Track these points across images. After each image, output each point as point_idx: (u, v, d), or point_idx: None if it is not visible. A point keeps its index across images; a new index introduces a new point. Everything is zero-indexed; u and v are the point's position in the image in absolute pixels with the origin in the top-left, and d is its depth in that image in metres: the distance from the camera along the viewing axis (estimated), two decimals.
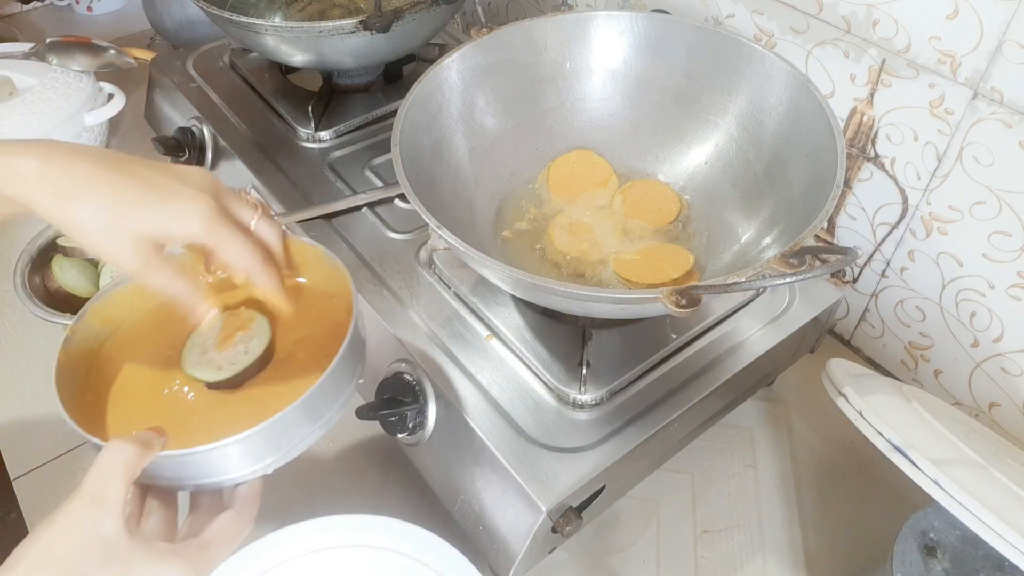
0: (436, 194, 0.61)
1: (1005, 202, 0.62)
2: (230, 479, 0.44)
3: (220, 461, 0.43)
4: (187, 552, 0.40)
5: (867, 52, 0.66)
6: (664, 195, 0.69)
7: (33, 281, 0.74)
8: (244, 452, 0.43)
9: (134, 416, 0.48)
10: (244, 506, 0.45)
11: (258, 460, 0.44)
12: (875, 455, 0.51)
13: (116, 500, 0.38)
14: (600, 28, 0.69)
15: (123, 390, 0.49)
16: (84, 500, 0.38)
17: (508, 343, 0.62)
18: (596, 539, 0.65)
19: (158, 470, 0.42)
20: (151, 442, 0.40)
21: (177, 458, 0.41)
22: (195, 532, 0.43)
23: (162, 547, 0.40)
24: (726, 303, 0.65)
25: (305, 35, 0.74)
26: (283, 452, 0.45)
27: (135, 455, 0.39)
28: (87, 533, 0.37)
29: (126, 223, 0.43)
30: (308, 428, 0.46)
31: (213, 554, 0.42)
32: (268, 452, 0.44)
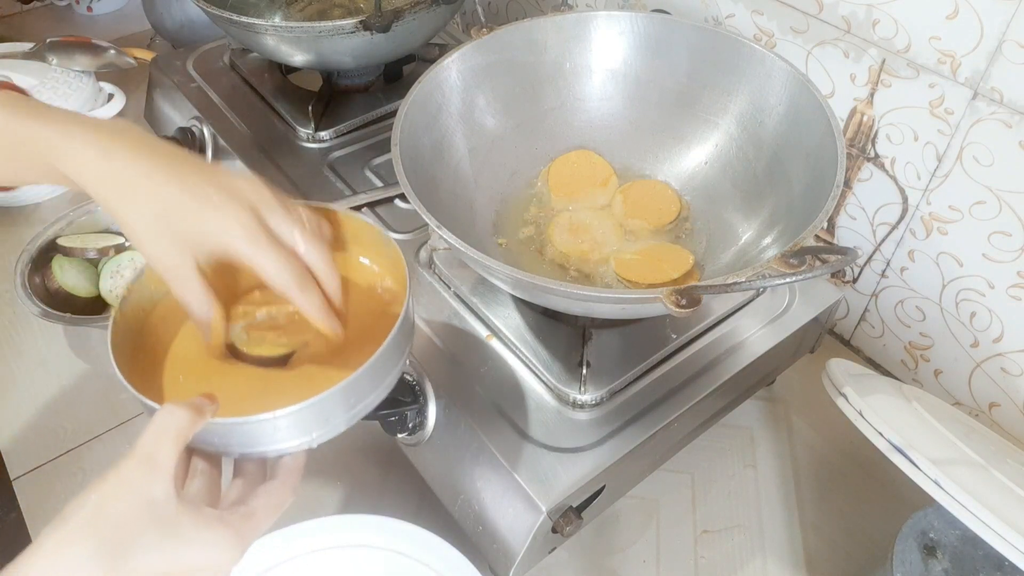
0: (436, 194, 0.61)
1: (1005, 202, 0.62)
2: (276, 450, 0.44)
3: (269, 432, 0.43)
4: (234, 519, 0.40)
5: (867, 52, 0.66)
6: (664, 195, 0.69)
7: (33, 281, 0.74)
8: (293, 424, 0.43)
9: (186, 381, 0.48)
10: (288, 477, 0.45)
11: (305, 433, 0.44)
12: (875, 455, 0.51)
13: (167, 464, 0.39)
14: (600, 28, 0.69)
15: (177, 354, 0.50)
16: (136, 462, 0.38)
17: (508, 343, 0.62)
18: (596, 539, 0.65)
19: (207, 436, 0.42)
20: (203, 408, 0.41)
21: (227, 426, 0.42)
22: (240, 499, 0.43)
23: (210, 513, 0.40)
24: (726, 303, 0.65)
25: (305, 35, 0.75)
26: (329, 427, 0.45)
27: (188, 420, 0.40)
28: (138, 495, 0.38)
29: (166, 229, 0.44)
30: (356, 405, 0.46)
31: (258, 523, 0.42)
32: (316, 426, 0.45)
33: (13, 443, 0.70)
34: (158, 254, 0.45)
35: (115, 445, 0.69)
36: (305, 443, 0.45)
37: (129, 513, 0.37)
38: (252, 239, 0.44)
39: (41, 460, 0.68)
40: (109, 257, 0.78)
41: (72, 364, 0.76)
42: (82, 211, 0.80)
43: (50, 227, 0.78)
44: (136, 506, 0.37)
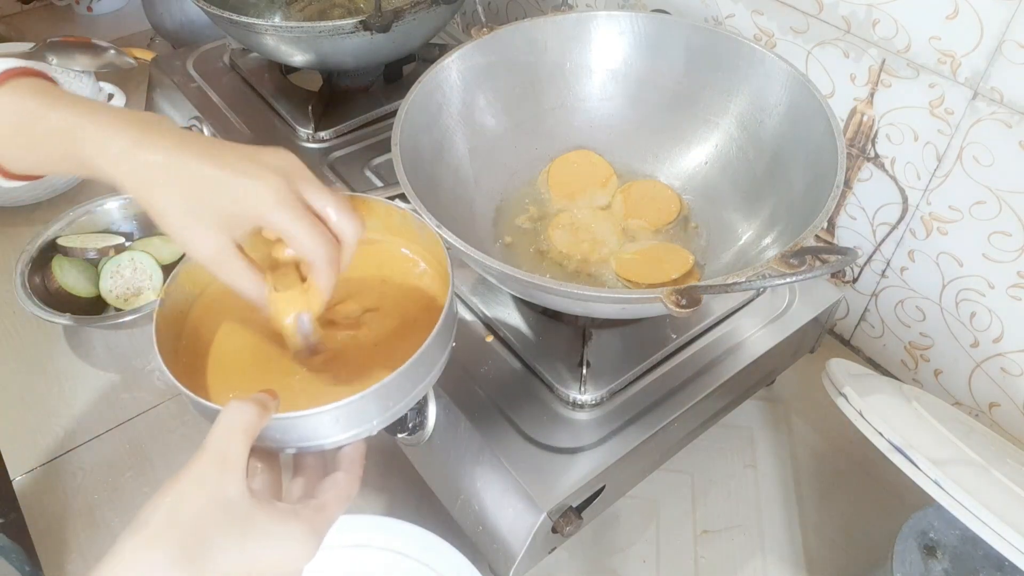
0: (436, 194, 0.61)
1: (1005, 202, 0.62)
2: (335, 441, 0.44)
3: (329, 423, 0.43)
4: (307, 513, 0.40)
5: (867, 52, 0.66)
6: (664, 195, 0.69)
7: (33, 281, 0.74)
8: (354, 414, 0.43)
9: (232, 378, 0.48)
10: (352, 466, 0.45)
11: (365, 422, 0.44)
12: (875, 455, 0.51)
13: (239, 461, 0.38)
14: (600, 28, 0.69)
15: (219, 352, 0.50)
16: (209, 460, 0.38)
17: (508, 343, 0.62)
18: (596, 539, 0.65)
19: (267, 432, 0.42)
20: (268, 404, 0.41)
21: (289, 420, 0.42)
22: (307, 492, 0.43)
23: (283, 508, 0.40)
24: (726, 303, 0.65)
25: (305, 35, 0.75)
26: (389, 413, 0.45)
27: (255, 416, 0.39)
28: (212, 494, 0.37)
29: (202, 212, 0.43)
30: (412, 389, 0.46)
31: (330, 514, 0.42)
32: (376, 413, 0.45)
33: (13, 443, 0.70)
34: (196, 241, 0.44)
35: (115, 445, 0.69)
36: (365, 431, 0.45)
37: (206, 513, 0.37)
38: (286, 206, 0.43)
39: (41, 460, 0.68)
40: (109, 257, 0.78)
41: (72, 364, 0.76)
42: (82, 211, 0.80)
43: (50, 227, 0.78)
44: (212, 506, 0.37)
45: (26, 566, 0.64)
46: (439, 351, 0.47)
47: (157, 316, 0.47)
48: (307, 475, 0.45)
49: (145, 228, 0.83)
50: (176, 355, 0.48)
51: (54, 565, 0.62)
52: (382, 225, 0.54)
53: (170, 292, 0.49)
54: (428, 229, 0.51)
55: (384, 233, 0.55)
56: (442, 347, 0.48)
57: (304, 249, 0.44)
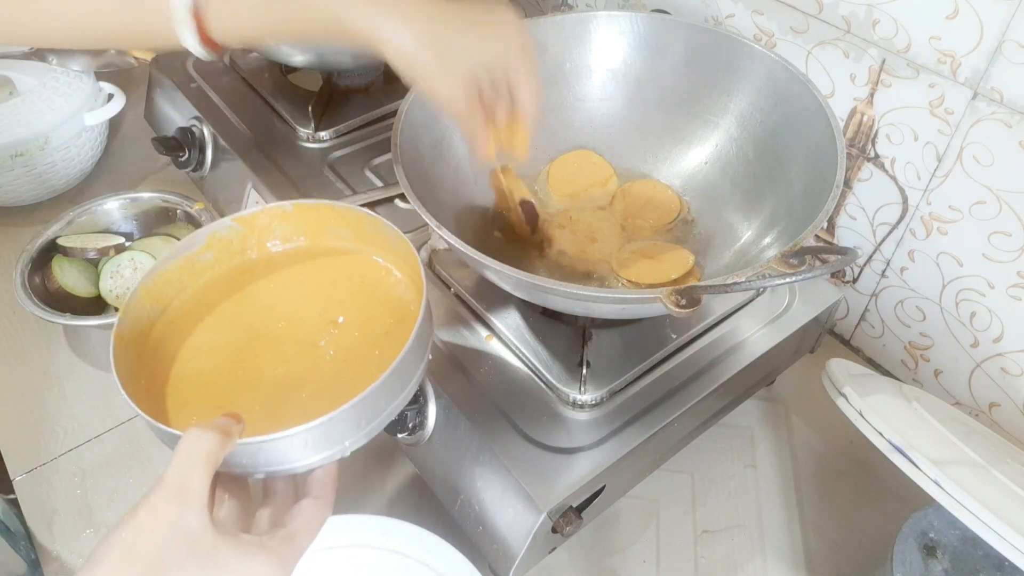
0: (436, 194, 0.61)
1: (1005, 202, 0.62)
2: (306, 464, 0.42)
3: (298, 446, 0.41)
4: (274, 544, 0.39)
5: (867, 52, 0.66)
6: (664, 195, 0.69)
7: (33, 281, 0.74)
8: (324, 436, 0.41)
9: (194, 400, 0.47)
10: (323, 491, 0.43)
11: (336, 443, 0.43)
12: (875, 455, 0.51)
13: (200, 492, 0.37)
14: (600, 28, 0.69)
15: (181, 374, 0.48)
16: (168, 494, 0.36)
17: (508, 343, 0.62)
18: (596, 539, 0.65)
19: (234, 458, 0.40)
20: (231, 429, 0.39)
21: (255, 445, 0.40)
22: (276, 521, 0.41)
23: (249, 540, 0.38)
24: (726, 303, 0.65)
25: None
26: (362, 433, 0.44)
27: (217, 444, 0.37)
28: (172, 528, 0.36)
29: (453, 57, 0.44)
30: (387, 406, 0.45)
31: (299, 544, 0.40)
32: (348, 434, 0.43)
33: (13, 443, 0.70)
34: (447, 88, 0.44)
35: (115, 445, 0.69)
36: (336, 452, 0.43)
37: (165, 548, 0.35)
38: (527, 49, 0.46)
39: (41, 460, 0.68)
40: (109, 257, 0.78)
41: (72, 364, 0.76)
42: (82, 211, 0.80)
43: (50, 227, 0.78)
44: (172, 540, 0.35)
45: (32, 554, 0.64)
46: (414, 365, 0.46)
47: (115, 335, 0.45)
48: (276, 501, 0.43)
49: (145, 228, 0.83)
50: (136, 375, 0.46)
51: (54, 565, 0.62)
52: (354, 234, 0.53)
53: (128, 310, 0.48)
54: (401, 237, 0.50)
55: (356, 242, 0.54)
56: (417, 360, 0.46)
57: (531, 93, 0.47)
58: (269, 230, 0.54)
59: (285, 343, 0.49)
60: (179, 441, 0.38)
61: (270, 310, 0.51)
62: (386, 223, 0.51)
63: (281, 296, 0.52)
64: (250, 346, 0.50)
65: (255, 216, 0.53)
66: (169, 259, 0.51)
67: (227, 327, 0.51)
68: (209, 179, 0.86)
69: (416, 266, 0.49)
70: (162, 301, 0.51)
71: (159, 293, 0.51)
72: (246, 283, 0.53)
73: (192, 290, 0.52)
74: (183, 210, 0.82)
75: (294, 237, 0.55)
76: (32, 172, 0.86)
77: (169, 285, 0.51)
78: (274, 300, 0.52)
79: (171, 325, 0.50)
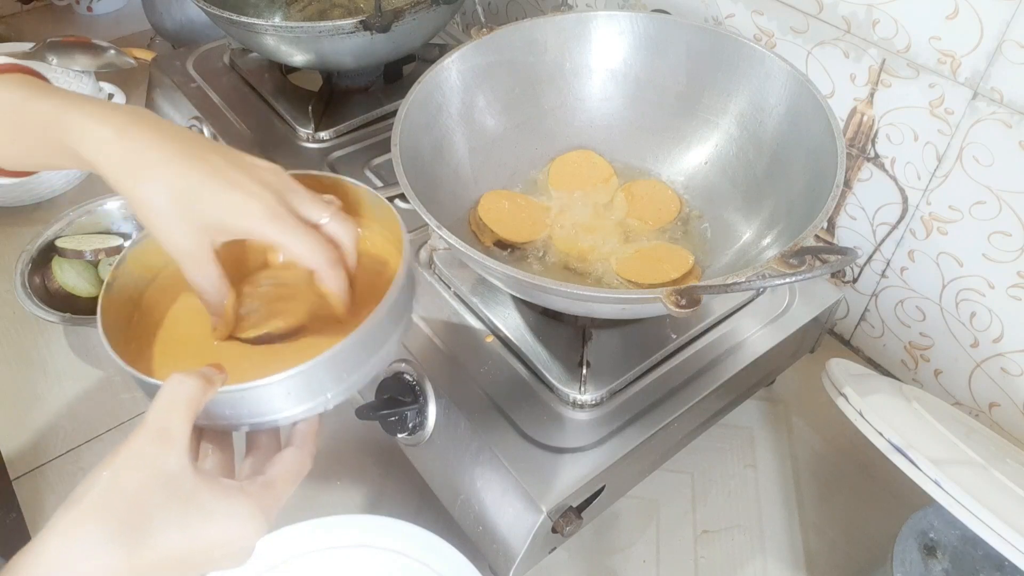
0: (436, 194, 0.61)
1: (1005, 202, 0.62)
2: (288, 416, 0.43)
3: (280, 396, 0.41)
4: (253, 489, 0.39)
5: (867, 52, 0.66)
6: (664, 195, 0.69)
7: (33, 281, 0.74)
8: (305, 385, 0.42)
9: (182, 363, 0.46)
10: (304, 442, 0.43)
11: (319, 394, 0.43)
12: (875, 455, 0.51)
13: (181, 435, 0.37)
14: (600, 28, 0.69)
15: (169, 336, 0.48)
16: (148, 435, 0.37)
17: (508, 343, 0.62)
18: (596, 539, 0.65)
19: (216, 408, 0.40)
20: (213, 377, 0.39)
21: (237, 393, 0.40)
22: (257, 471, 0.42)
23: (228, 484, 0.38)
24: (726, 303, 0.65)
25: (305, 35, 0.75)
26: (344, 386, 0.44)
27: (198, 389, 0.38)
28: (152, 468, 0.36)
29: (186, 210, 0.42)
30: (368, 359, 0.45)
31: (278, 492, 0.40)
32: (330, 384, 0.43)
33: (13, 443, 0.70)
34: (175, 237, 0.43)
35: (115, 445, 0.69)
36: (319, 405, 0.43)
37: (144, 488, 0.36)
38: (277, 219, 0.42)
39: (41, 460, 0.68)
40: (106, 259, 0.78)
41: (72, 364, 0.76)
42: (82, 211, 0.80)
43: (50, 227, 0.78)
44: (151, 481, 0.36)
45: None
46: (394, 321, 0.46)
47: (103, 298, 0.46)
48: (259, 453, 0.43)
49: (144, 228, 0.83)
50: (126, 340, 0.47)
51: None
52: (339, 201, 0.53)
53: (117, 275, 0.48)
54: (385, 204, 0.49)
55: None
56: (397, 317, 0.46)
57: (304, 258, 0.44)
58: None
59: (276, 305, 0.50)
60: (162, 386, 0.38)
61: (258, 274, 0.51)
62: (369, 191, 0.51)
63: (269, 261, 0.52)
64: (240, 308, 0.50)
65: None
66: None
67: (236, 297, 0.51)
68: None
69: (398, 232, 0.49)
70: (152, 269, 0.51)
71: (148, 261, 0.51)
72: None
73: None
74: None
75: None
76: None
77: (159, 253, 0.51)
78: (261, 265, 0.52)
79: (161, 291, 0.51)
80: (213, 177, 0.42)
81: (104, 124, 0.43)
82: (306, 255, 0.43)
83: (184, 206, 0.42)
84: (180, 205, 0.42)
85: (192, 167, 0.42)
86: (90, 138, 0.43)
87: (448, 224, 0.51)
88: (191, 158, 0.43)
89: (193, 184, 0.42)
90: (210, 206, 0.42)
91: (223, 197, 0.42)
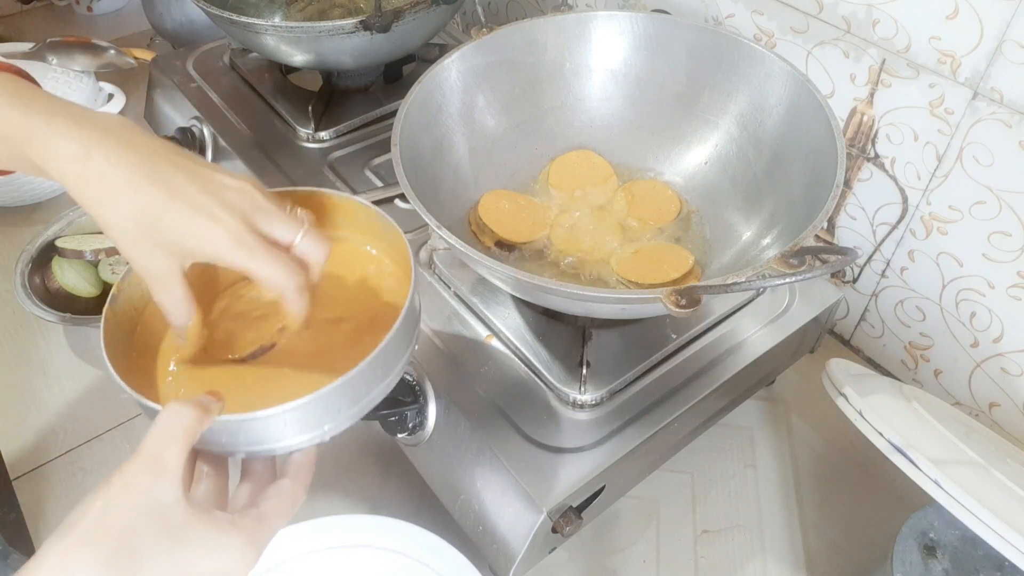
0: (436, 194, 0.61)
1: (1005, 202, 0.62)
2: (285, 446, 0.42)
3: (278, 427, 0.41)
4: (246, 524, 0.39)
5: (867, 52, 0.66)
6: (664, 195, 0.69)
7: (33, 281, 0.74)
8: (304, 418, 0.41)
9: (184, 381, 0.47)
10: (299, 474, 0.43)
11: (317, 426, 0.43)
12: (875, 455, 0.51)
13: (175, 467, 0.37)
14: (600, 28, 0.69)
15: (171, 350, 0.48)
16: (142, 466, 0.37)
17: (508, 343, 0.62)
18: (596, 539, 0.65)
19: (213, 435, 0.40)
20: (210, 406, 0.39)
21: (235, 423, 0.40)
22: (250, 501, 0.42)
23: (221, 518, 0.38)
24: (726, 303, 0.65)
25: (305, 35, 0.75)
26: (343, 417, 0.44)
27: (195, 419, 0.38)
28: (145, 501, 0.36)
29: (151, 233, 0.42)
30: (367, 395, 0.45)
31: (271, 525, 0.40)
32: (328, 417, 0.43)
33: (13, 443, 0.70)
34: (141, 259, 0.42)
35: (115, 445, 0.69)
36: (316, 437, 0.43)
37: (136, 520, 0.35)
38: (242, 245, 0.42)
39: (41, 460, 0.68)
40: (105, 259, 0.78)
41: (72, 364, 0.76)
42: (82, 211, 0.80)
43: (50, 227, 0.78)
44: (144, 512, 0.36)
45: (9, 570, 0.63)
46: (397, 353, 0.46)
47: (107, 311, 0.46)
48: (254, 481, 0.43)
49: None
50: (127, 354, 0.47)
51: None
52: (348, 222, 0.53)
53: (123, 287, 0.48)
54: (394, 227, 0.49)
55: (350, 231, 0.53)
56: (401, 349, 0.46)
57: (269, 284, 0.43)
58: None
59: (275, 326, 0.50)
60: (157, 415, 0.38)
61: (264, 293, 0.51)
62: (380, 213, 0.51)
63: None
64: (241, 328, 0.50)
65: None
66: None
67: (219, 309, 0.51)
68: None
69: (407, 256, 0.49)
70: None
71: None
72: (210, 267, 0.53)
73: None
74: None
75: None
76: None
77: None
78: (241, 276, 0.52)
79: None
80: (176, 201, 0.41)
81: (69, 140, 0.41)
82: (271, 281, 0.43)
83: (149, 230, 0.41)
84: (145, 230, 0.41)
85: (157, 191, 0.41)
86: (53, 155, 0.41)
87: (448, 224, 0.51)
88: (156, 182, 0.41)
89: (157, 209, 0.41)
90: (174, 232, 0.42)
91: (187, 223, 0.41)
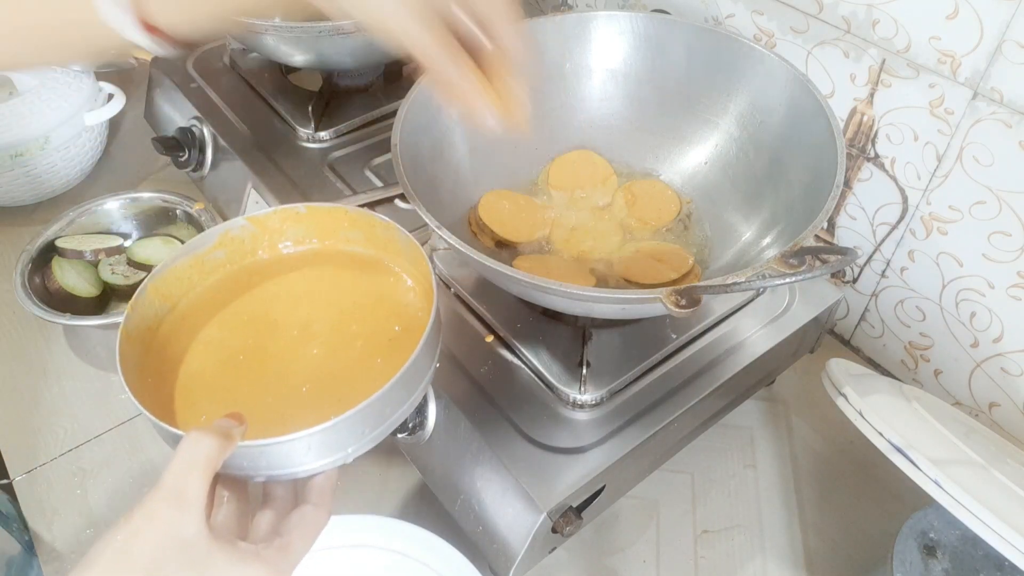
0: (436, 194, 0.61)
1: (1005, 202, 0.62)
2: (307, 470, 0.42)
3: (301, 451, 0.41)
4: (269, 554, 0.38)
5: (867, 52, 0.66)
6: (664, 195, 0.69)
7: (33, 281, 0.74)
8: (327, 441, 0.41)
9: (200, 400, 0.46)
10: (322, 499, 0.42)
11: (339, 449, 0.42)
12: (875, 455, 0.51)
13: (198, 498, 0.36)
14: (600, 28, 0.69)
15: (189, 370, 0.48)
16: (164, 497, 0.36)
17: (508, 343, 0.62)
18: (596, 539, 0.65)
19: (234, 460, 0.39)
20: (231, 432, 0.38)
21: (257, 448, 0.39)
22: (273, 529, 0.41)
23: (244, 548, 0.38)
24: (726, 303, 0.65)
25: (305, 35, 0.74)
26: (366, 439, 0.43)
27: (216, 448, 0.37)
28: (167, 533, 0.35)
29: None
30: (391, 415, 0.44)
31: (295, 554, 0.40)
32: (351, 440, 0.42)
33: (13, 443, 0.70)
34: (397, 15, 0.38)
35: (115, 445, 0.69)
36: (340, 459, 0.43)
37: (159, 554, 0.35)
38: None
39: (41, 460, 0.68)
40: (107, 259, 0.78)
41: (72, 364, 0.76)
42: (82, 211, 0.80)
43: (50, 227, 0.78)
44: (166, 546, 0.35)
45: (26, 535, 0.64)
46: (420, 373, 0.45)
47: (122, 331, 0.45)
48: (276, 507, 0.42)
49: (145, 228, 0.83)
50: (142, 372, 0.46)
51: (55, 565, 0.62)
52: (366, 238, 0.53)
53: (136, 306, 0.47)
54: (413, 243, 0.49)
55: (368, 247, 0.54)
56: (424, 369, 0.46)
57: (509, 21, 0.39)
58: (281, 231, 0.54)
59: (293, 345, 0.49)
60: (179, 444, 0.38)
61: (279, 311, 0.51)
62: (399, 228, 0.51)
63: (291, 298, 0.52)
64: (258, 347, 0.49)
65: (268, 217, 0.53)
66: (179, 256, 0.51)
67: (235, 326, 0.51)
68: (209, 179, 0.86)
69: (427, 273, 0.48)
70: (171, 299, 0.51)
71: (168, 290, 0.50)
72: (256, 283, 0.52)
73: (201, 288, 0.52)
74: (183, 210, 0.82)
75: (306, 239, 0.55)
76: (32, 172, 0.86)
77: (179, 282, 0.51)
78: (283, 302, 0.52)
79: (179, 323, 0.50)
80: None
81: None
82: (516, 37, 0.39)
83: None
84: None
85: None
86: None
87: (448, 224, 0.51)
88: None
89: None
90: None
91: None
